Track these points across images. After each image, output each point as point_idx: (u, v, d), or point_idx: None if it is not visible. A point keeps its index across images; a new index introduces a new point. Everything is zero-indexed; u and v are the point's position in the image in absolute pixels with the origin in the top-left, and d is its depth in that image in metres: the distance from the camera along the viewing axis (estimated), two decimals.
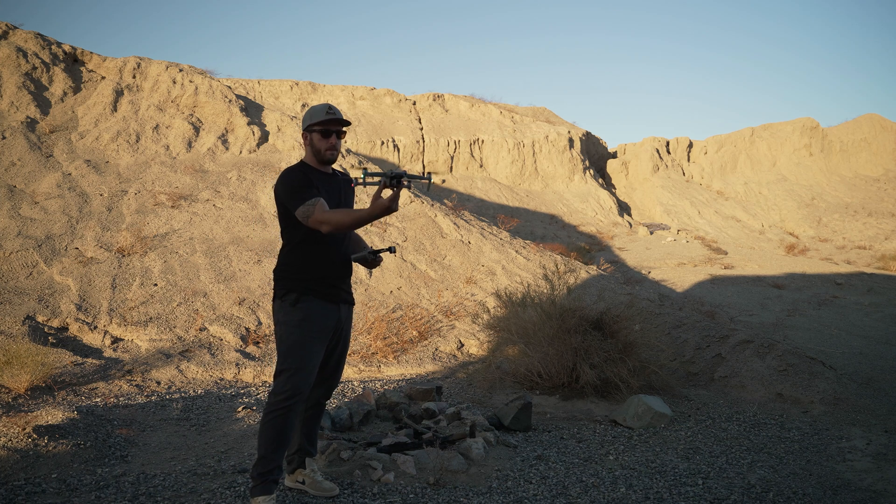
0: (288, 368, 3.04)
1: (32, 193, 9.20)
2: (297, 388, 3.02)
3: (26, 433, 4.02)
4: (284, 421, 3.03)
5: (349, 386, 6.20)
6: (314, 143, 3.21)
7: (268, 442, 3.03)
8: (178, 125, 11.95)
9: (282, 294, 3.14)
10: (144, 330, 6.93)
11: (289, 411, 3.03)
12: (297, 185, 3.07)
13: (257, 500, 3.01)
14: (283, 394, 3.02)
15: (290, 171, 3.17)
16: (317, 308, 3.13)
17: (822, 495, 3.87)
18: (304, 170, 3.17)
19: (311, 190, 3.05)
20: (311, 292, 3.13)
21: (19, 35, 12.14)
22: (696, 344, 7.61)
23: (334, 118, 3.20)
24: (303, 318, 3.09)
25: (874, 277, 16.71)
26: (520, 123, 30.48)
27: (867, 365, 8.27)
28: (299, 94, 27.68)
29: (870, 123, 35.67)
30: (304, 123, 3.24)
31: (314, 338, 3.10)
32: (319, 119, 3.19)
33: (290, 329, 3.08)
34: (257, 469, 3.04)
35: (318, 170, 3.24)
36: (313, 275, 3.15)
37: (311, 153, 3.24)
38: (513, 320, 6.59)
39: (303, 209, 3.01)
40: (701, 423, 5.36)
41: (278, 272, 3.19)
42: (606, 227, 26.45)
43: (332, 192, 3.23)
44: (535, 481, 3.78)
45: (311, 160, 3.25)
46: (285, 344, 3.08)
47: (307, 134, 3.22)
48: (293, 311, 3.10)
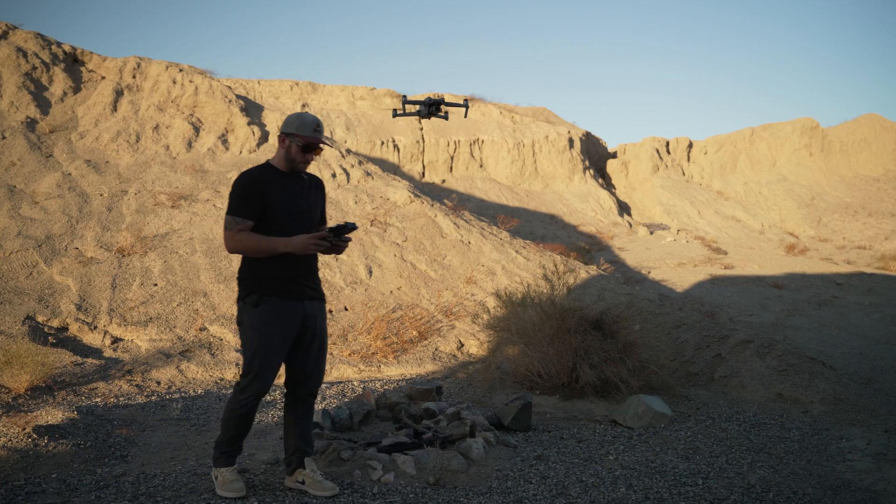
0: (253, 369, 3.16)
1: (32, 193, 9.20)
2: (263, 388, 3.19)
3: (26, 433, 4.02)
4: (249, 414, 3.23)
5: (349, 386, 6.20)
6: (290, 152, 3.26)
7: (234, 429, 3.24)
8: (178, 125, 11.95)
9: (243, 295, 3.21)
10: (144, 330, 6.93)
11: (253, 407, 3.22)
12: (244, 195, 3.17)
13: (220, 470, 3.25)
14: (248, 392, 3.18)
15: (246, 176, 3.22)
16: (279, 308, 3.18)
17: (822, 495, 3.87)
18: (265, 175, 3.22)
19: (252, 207, 3.15)
20: (272, 292, 3.18)
21: (19, 35, 12.14)
22: (696, 344, 7.61)
23: (319, 139, 3.27)
24: (265, 320, 3.16)
25: (874, 277, 16.71)
26: (520, 123, 30.48)
27: (867, 365, 8.28)
28: (299, 94, 27.68)
29: (870, 123, 35.66)
30: (287, 127, 3.26)
31: (277, 339, 3.18)
32: (306, 134, 3.23)
33: (254, 332, 3.16)
34: (221, 448, 3.26)
35: (284, 172, 3.29)
36: (273, 274, 3.19)
37: (283, 157, 3.28)
38: (513, 320, 6.59)
39: (230, 220, 3.16)
40: (701, 423, 5.36)
41: (240, 274, 3.26)
42: (606, 227, 26.45)
43: (294, 195, 3.28)
44: (535, 481, 3.78)
45: (280, 162, 3.30)
46: (251, 347, 3.17)
47: (286, 138, 3.25)
48: (255, 313, 3.16)
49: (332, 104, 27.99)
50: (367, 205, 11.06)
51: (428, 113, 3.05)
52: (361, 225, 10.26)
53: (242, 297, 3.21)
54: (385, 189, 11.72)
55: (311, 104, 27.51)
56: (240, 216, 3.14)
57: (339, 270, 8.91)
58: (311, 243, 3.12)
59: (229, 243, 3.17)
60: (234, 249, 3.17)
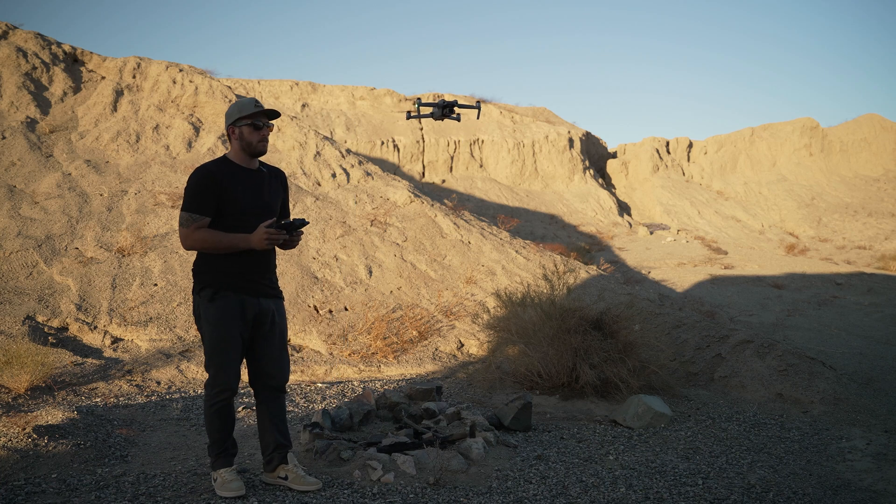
0: (213, 364, 3.17)
1: (32, 193, 9.20)
2: (228, 382, 3.18)
3: (26, 433, 4.02)
4: (227, 410, 3.24)
5: (349, 386, 6.20)
6: (245, 137, 3.22)
7: (218, 430, 3.24)
8: (178, 125, 11.95)
9: (198, 289, 3.19)
10: (144, 330, 6.94)
11: (228, 402, 3.23)
12: (198, 190, 3.13)
13: (220, 472, 3.24)
14: (217, 387, 3.18)
15: (202, 171, 3.17)
16: (234, 302, 3.17)
17: (822, 495, 3.87)
18: (221, 170, 3.18)
19: (208, 203, 3.10)
20: (227, 287, 3.16)
21: (19, 35, 12.15)
22: (696, 344, 7.61)
23: (264, 110, 3.25)
24: (221, 314, 3.14)
25: (874, 277, 16.71)
26: (520, 123, 30.48)
27: (867, 365, 8.28)
28: (299, 94, 27.68)
29: (870, 123, 35.66)
30: (229, 119, 3.24)
31: (234, 332, 3.17)
32: (249, 112, 3.21)
33: (210, 326, 3.15)
34: (213, 451, 3.26)
35: (242, 166, 3.25)
36: (229, 269, 3.17)
37: (238, 148, 3.25)
38: (513, 320, 6.59)
39: (186, 216, 3.11)
40: (701, 423, 5.36)
41: (196, 267, 3.23)
42: (606, 227, 26.45)
43: (253, 189, 3.24)
44: (535, 481, 3.78)
45: (237, 156, 3.26)
46: (208, 340, 3.17)
47: (234, 129, 3.23)
48: (210, 308, 3.15)
49: (332, 104, 27.98)
50: (367, 205, 11.06)
51: (441, 115, 3.07)
52: (361, 225, 10.26)
53: (198, 291, 3.20)
54: (385, 189, 11.72)
55: (311, 104, 27.52)
56: (196, 212, 3.10)
57: (339, 270, 8.91)
58: (265, 238, 3.10)
59: (186, 241, 3.12)
60: (192, 247, 3.14)
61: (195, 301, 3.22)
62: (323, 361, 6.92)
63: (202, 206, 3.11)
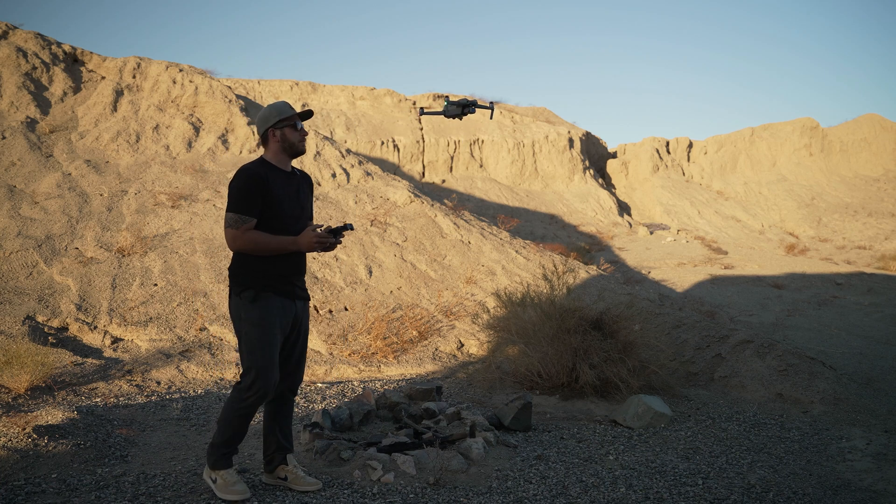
0: (255, 366, 3.11)
1: (32, 193, 9.20)
2: (267, 385, 3.12)
3: (26, 433, 4.02)
4: (250, 415, 3.19)
5: (349, 386, 6.20)
6: (287, 138, 3.25)
7: (235, 430, 3.19)
8: (178, 125, 11.95)
9: (239, 291, 3.15)
10: (144, 330, 6.93)
11: (255, 407, 3.16)
12: (246, 191, 3.11)
13: (219, 472, 3.19)
14: (253, 391, 3.11)
15: (249, 172, 3.16)
16: (275, 304, 3.16)
17: (822, 495, 3.87)
18: (265, 172, 3.17)
19: (256, 205, 3.09)
20: (268, 289, 3.15)
21: (19, 35, 12.14)
22: (696, 344, 7.61)
23: (302, 111, 3.33)
24: (262, 314, 3.12)
25: (874, 277, 16.72)
26: (520, 123, 30.48)
27: (867, 365, 8.27)
28: (299, 94, 27.68)
29: (870, 123, 35.67)
30: (267, 123, 3.25)
31: (275, 334, 3.15)
32: (289, 114, 3.25)
33: (252, 326, 3.12)
34: (221, 449, 3.19)
35: (281, 169, 3.26)
36: (271, 271, 3.17)
37: (279, 150, 3.26)
38: (513, 320, 6.59)
39: (235, 217, 3.07)
40: (701, 423, 5.36)
41: (235, 268, 3.20)
42: (606, 227, 26.45)
43: (291, 193, 3.27)
44: (535, 481, 3.78)
45: (276, 157, 3.27)
46: (249, 342, 3.13)
47: (275, 131, 3.24)
48: (252, 308, 3.13)
49: (332, 104, 27.98)
50: (367, 205, 11.06)
51: (461, 113, 3.13)
52: (361, 225, 10.26)
53: (238, 292, 3.16)
54: (385, 189, 11.71)
55: (311, 104, 27.51)
56: (246, 213, 3.08)
57: (339, 270, 8.91)
58: (315, 242, 3.12)
59: (237, 242, 3.09)
60: (241, 248, 3.10)
61: (235, 303, 3.17)
62: (323, 361, 6.92)
63: (251, 207, 3.08)
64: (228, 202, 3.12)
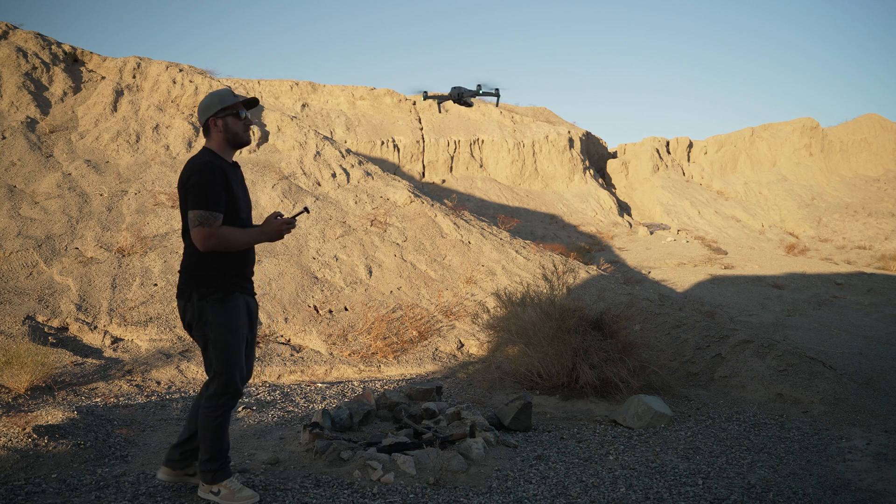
0: (227, 370, 3.05)
1: (32, 193, 9.20)
2: (238, 387, 3.10)
3: (26, 433, 4.02)
4: (227, 420, 3.14)
5: (349, 386, 6.20)
6: (230, 128, 3.10)
7: (216, 440, 3.12)
8: (178, 125, 11.95)
9: (205, 294, 3.00)
10: (144, 330, 6.93)
11: (230, 410, 3.14)
12: (212, 186, 2.94)
13: (223, 484, 3.14)
14: (226, 395, 3.07)
15: (208, 165, 2.98)
16: (241, 304, 3.12)
17: (822, 495, 3.87)
18: (219, 165, 3.02)
19: (222, 199, 2.94)
20: (235, 288, 3.07)
21: (19, 35, 12.14)
22: (696, 344, 7.61)
23: (245, 99, 3.17)
24: (232, 317, 3.04)
25: (874, 277, 16.72)
26: (520, 123, 30.48)
27: (867, 365, 8.27)
28: (299, 94, 27.66)
29: (870, 123, 35.67)
30: (209, 111, 3.10)
31: (244, 334, 3.13)
32: (231, 102, 3.11)
33: (223, 330, 3.02)
34: (216, 463, 3.13)
35: (226, 160, 3.13)
36: (233, 270, 3.08)
37: (222, 140, 3.11)
38: (513, 320, 6.59)
39: (204, 215, 2.90)
40: (701, 423, 5.36)
41: (194, 270, 3.03)
42: (606, 227, 26.45)
43: (241, 183, 3.18)
44: (535, 481, 3.78)
45: (220, 148, 3.12)
46: (219, 346, 3.02)
47: (217, 120, 3.10)
48: (222, 311, 3.02)
49: (332, 104, 27.97)
50: (367, 205, 11.06)
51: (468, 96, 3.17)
52: (361, 225, 10.26)
53: (204, 296, 2.99)
54: (385, 189, 11.71)
55: (311, 104, 27.51)
56: (214, 209, 2.91)
57: (339, 270, 8.91)
58: (283, 229, 3.02)
59: (210, 241, 2.90)
60: (214, 247, 2.93)
61: (199, 307, 3.00)
62: (323, 361, 6.91)
63: (218, 202, 2.93)
64: (190, 200, 2.93)
